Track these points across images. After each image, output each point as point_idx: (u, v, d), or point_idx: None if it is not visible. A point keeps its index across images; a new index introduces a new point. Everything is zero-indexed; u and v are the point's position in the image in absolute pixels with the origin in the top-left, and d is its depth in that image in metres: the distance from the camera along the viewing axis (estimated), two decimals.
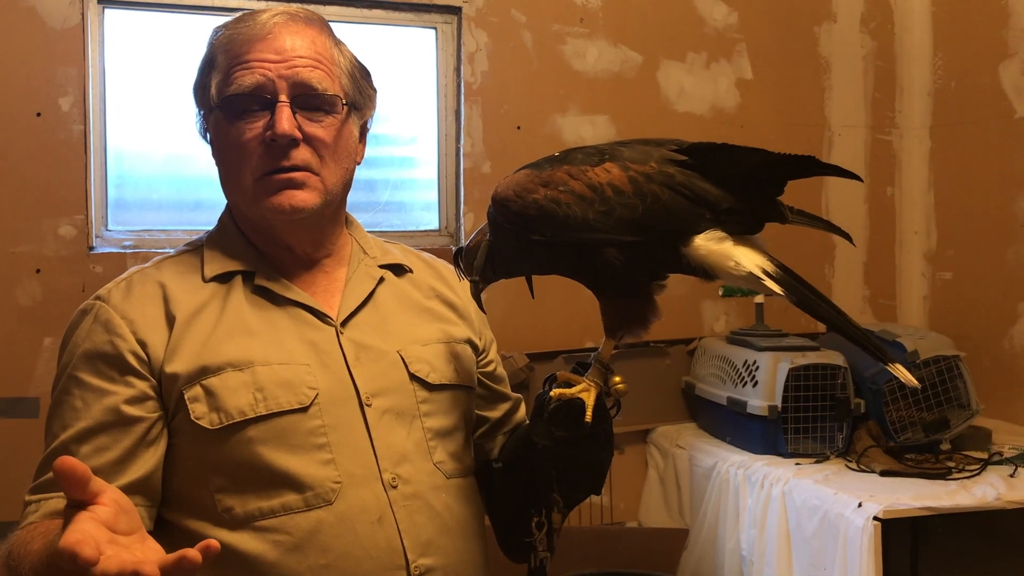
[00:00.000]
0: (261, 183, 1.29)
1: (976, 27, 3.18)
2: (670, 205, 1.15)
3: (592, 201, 1.16)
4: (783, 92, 3.32)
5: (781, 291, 1.15)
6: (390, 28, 2.98)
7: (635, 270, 1.18)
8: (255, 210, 1.32)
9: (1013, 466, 2.48)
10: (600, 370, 1.24)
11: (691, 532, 2.80)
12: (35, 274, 2.58)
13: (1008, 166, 3.07)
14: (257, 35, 1.29)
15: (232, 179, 1.33)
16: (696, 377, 3.06)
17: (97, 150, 2.69)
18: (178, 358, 1.24)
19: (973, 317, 3.19)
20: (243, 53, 1.29)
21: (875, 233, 3.44)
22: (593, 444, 1.27)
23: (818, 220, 1.23)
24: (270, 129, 1.27)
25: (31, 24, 2.57)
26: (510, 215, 1.20)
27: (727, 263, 1.16)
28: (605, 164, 1.18)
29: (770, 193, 1.19)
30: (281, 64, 1.28)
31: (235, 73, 1.28)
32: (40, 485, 1.22)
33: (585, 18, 3.08)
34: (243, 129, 1.28)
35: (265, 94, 1.28)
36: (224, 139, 1.31)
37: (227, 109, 1.29)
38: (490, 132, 3.00)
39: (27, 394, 2.57)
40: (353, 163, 1.38)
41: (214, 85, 1.30)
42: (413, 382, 1.33)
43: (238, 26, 1.31)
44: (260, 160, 1.28)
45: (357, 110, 1.37)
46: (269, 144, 1.28)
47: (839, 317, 1.16)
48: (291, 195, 1.29)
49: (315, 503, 1.22)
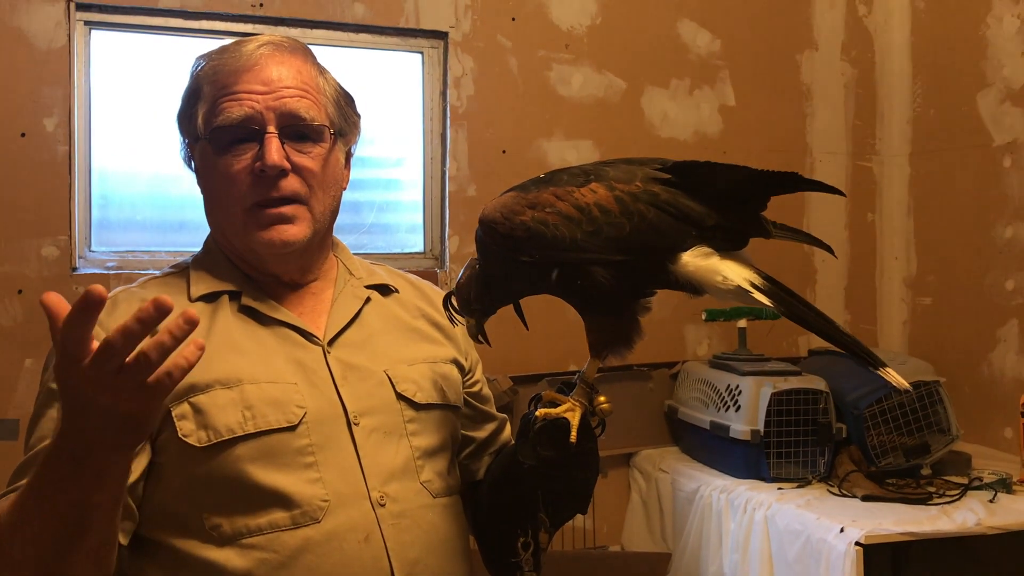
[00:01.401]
0: (251, 215, 1.29)
1: (955, 57, 3.23)
2: (656, 223, 1.16)
3: (579, 221, 1.17)
4: (765, 118, 3.36)
5: (770, 303, 1.16)
6: (377, 52, 3.00)
7: (623, 288, 1.19)
8: (243, 241, 1.32)
9: (993, 491, 2.49)
10: (585, 390, 1.24)
11: (674, 556, 2.80)
12: (17, 295, 2.57)
13: (986, 193, 3.11)
14: (243, 66, 1.29)
15: (220, 209, 1.34)
16: (679, 401, 3.07)
17: (81, 170, 2.68)
18: None
19: (953, 342, 3.21)
20: (230, 84, 1.29)
21: (856, 259, 3.47)
22: (579, 464, 1.27)
23: (800, 234, 1.25)
24: (259, 160, 1.27)
25: (17, 44, 2.57)
26: (498, 237, 1.20)
27: (715, 278, 1.17)
28: (591, 184, 1.19)
29: (754, 209, 1.20)
30: (268, 95, 1.29)
31: (222, 104, 1.28)
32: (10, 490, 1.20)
33: (570, 44, 3.11)
34: (231, 161, 1.28)
35: (253, 125, 1.28)
36: (212, 170, 1.31)
37: (215, 140, 1.29)
38: (475, 155, 3.01)
39: (7, 416, 2.55)
40: (340, 190, 1.39)
41: (200, 116, 1.30)
42: (400, 401, 1.34)
43: (223, 56, 1.32)
44: (249, 191, 1.28)
45: (343, 137, 1.38)
46: (258, 175, 1.28)
47: (828, 326, 1.17)
48: (282, 230, 1.29)
49: (303, 521, 1.21)
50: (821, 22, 3.44)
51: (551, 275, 1.21)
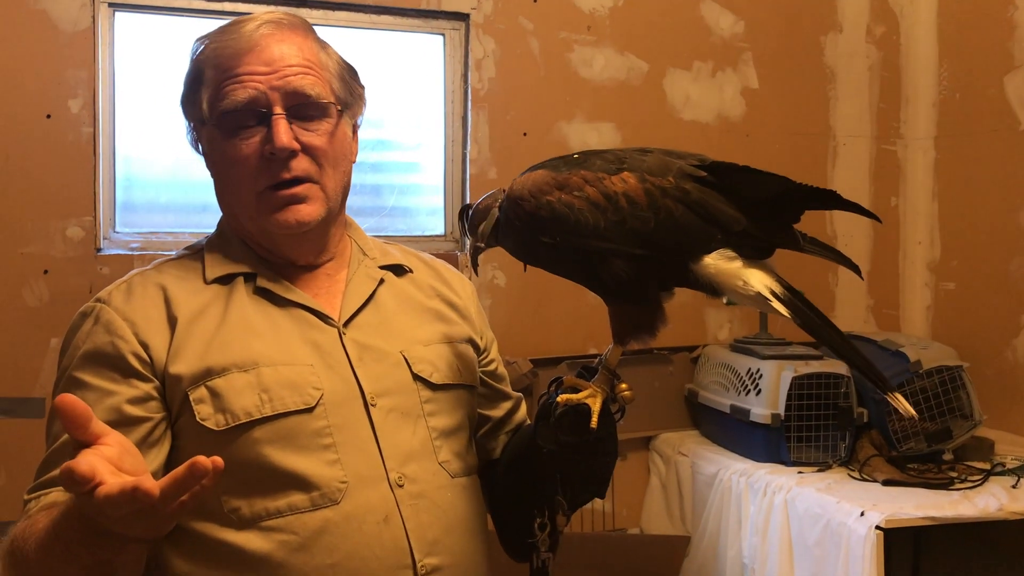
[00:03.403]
0: (263, 198, 1.30)
1: (982, 39, 3.19)
2: (682, 222, 1.15)
3: (605, 209, 1.16)
4: (789, 101, 3.33)
5: (788, 313, 1.16)
6: (398, 34, 3.00)
7: (641, 281, 1.18)
8: (257, 224, 1.33)
9: (1015, 477, 2.48)
10: (607, 376, 1.24)
11: (693, 539, 2.80)
12: (43, 275, 2.60)
13: (1012, 177, 3.07)
14: (245, 47, 1.29)
15: (231, 193, 1.34)
16: (699, 385, 3.07)
17: (106, 152, 2.70)
18: (181, 359, 1.24)
19: (976, 328, 3.19)
20: (232, 67, 1.28)
21: (879, 243, 3.44)
22: (598, 449, 1.27)
23: (830, 250, 1.23)
24: (268, 143, 1.27)
25: (42, 27, 2.58)
26: (522, 214, 1.20)
27: (736, 282, 1.16)
28: (623, 173, 1.17)
29: (786, 220, 1.18)
30: (272, 75, 1.28)
31: (226, 88, 1.28)
32: (40, 484, 1.22)
33: (592, 26, 3.10)
34: (239, 144, 1.28)
35: (259, 107, 1.28)
36: (220, 155, 1.31)
37: (221, 125, 1.29)
38: (496, 138, 3.01)
39: (33, 394, 2.58)
40: (350, 164, 1.39)
41: (205, 100, 1.30)
42: (417, 382, 1.34)
43: (223, 38, 1.31)
44: (260, 174, 1.29)
45: (348, 110, 1.38)
46: (268, 158, 1.28)
47: (843, 343, 1.17)
48: (296, 210, 1.30)
49: (321, 503, 1.22)
50: (846, 4, 3.40)
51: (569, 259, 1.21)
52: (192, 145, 1.39)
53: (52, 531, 1.05)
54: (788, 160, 3.30)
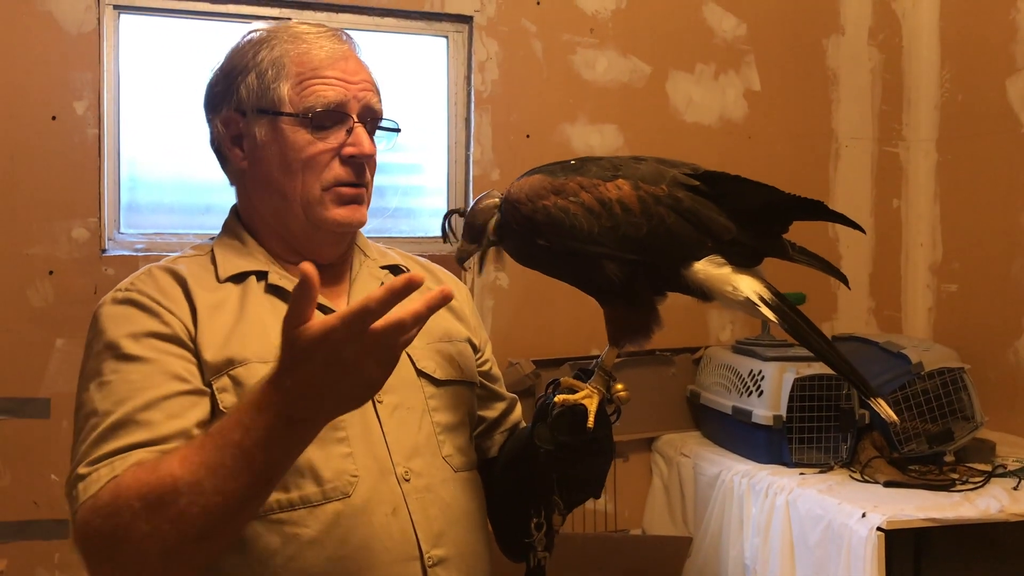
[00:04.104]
0: (331, 193, 1.34)
1: (984, 41, 3.19)
2: (674, 229, 1.18)
3: (599, 215, 1.19)
4: (791, 104, 3.34)
5: (775, 319, 1.18)
6: (402, 36, 3.01)
7: (633, 285, 1.21)
8: (315, 217, 1.35)
9: (1017, 479, 2.48)
10: (603, 377, 1.27)
11: (695, 540, 2.81)
12: (48, 276, 2.61)
13: (1014, 180, 3.08)
14: (332, 54, 1.35)
15: (288, 185, 1.35)
16: (701, 386, 3.07)
17: (111, 154, 2.71)
18: (205, 349, 1.25)
19: (978, 329, 3.20)
20: (322, 67, 1.34)
21: (881, 245, 3.45)
22: (594, 449, 1.29)
23: (817, 260, 1.26)
24: (353, 146, 1.34)
25: (48, 29, 2.60)
26: (519, 217, 1.23)
27: (725, 287, 1.19)
28: (617, 180, 1.20)
29: (776, 230, 1.22)
30: (355, 86, 1.35)
31: (313, 86, 1.33)
32: (104, 455, 1.15)
33: (595, 28, 3.11)
34: (316, 141, 1.33)
35: (345, 111, 1.34)
36: (290, 146, 1.33)
37: (304, 119, 1.33)
38: (499, 140, 3.02)
39: (38, 395, 2.60)
40: None
41: (286, 90, 1.33)
42: (421, 378, 1.37)
43: (309, 38, 1.36)
44: (335, 173, 1.34)
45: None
46: (346, 160, 1.34)
47: (828, 349, 1.19)
48: (356, 209, 1.37)
49: (333, 496, 1.24)
50: (848, 6, 3.41)
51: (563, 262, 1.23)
52: (216, 134, 1.39)
53: (218, 445, 1.05)
54: (790, 162, 3.31)
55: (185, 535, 1.06)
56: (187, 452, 1.08)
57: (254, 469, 1.05)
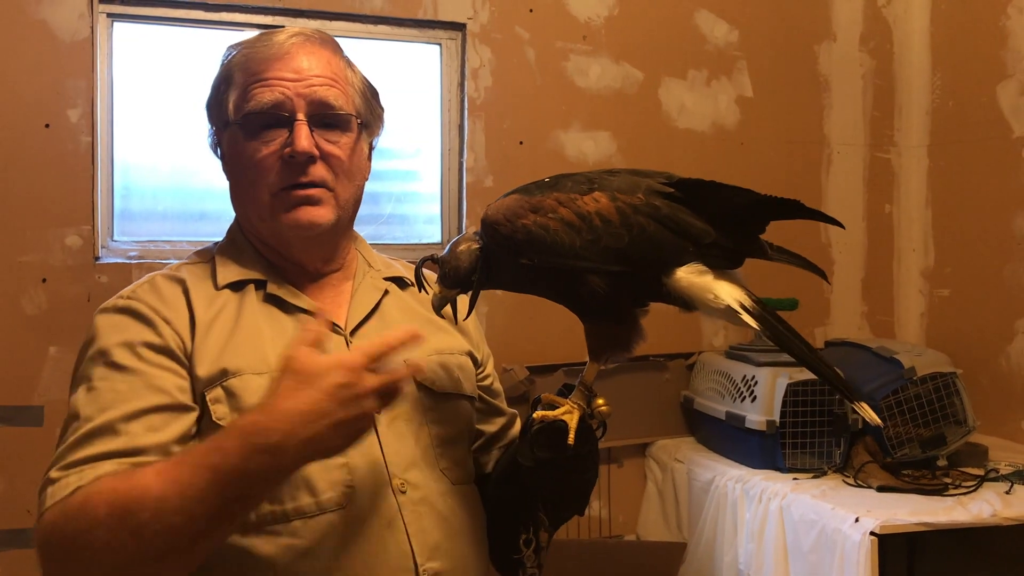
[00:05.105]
0: (278, 198, 1.32)
1: (974, 47, 3.21)
2: (655, 237, 1.18)
3: (580, 229, 1.18)
4: (783, 110, 3.35)
5: (756, 326, 1.18)
6: (395, 44, 3.02)
7: (618, 298, 1.21)
8: (270, 225, 1.35)
9: (1009, 483, 2.49)
10: (583, 392, 1.26)
11: (689, 546, 2.81)
12: (41, 283, 2.60)
13: (1005, 185, 3.09)
14: (275, 54, 1.33)
15: (247, 194, 1.36)
16: (695, 391, 3.08)
17: (104, 161, 2.71)
18: (200, 360, 1.25)
19: (970, 334, 3.21)
20: (261, 71, 1.32)
21: (873, 250, 3.46)
22: (576, 466, 1.29)
23: (797, 258, 1.26)
24: (289, 146, 1.30)
25: (41, 37, 2.60)
26: (500, 238, 1.22)
27: (707, 296, 1.18)
28: (594, 193, 1.20)
29: (753, 231, 1.22)
30: (299, 83, 1.32)
31: (253, 90, 1.32)
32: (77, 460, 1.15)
33: (588, 35, 3.12)
34: (260, 146, 1.32)
35: (283, 112, 1.31)
36: (240, 155, 1.34)
37: (245, 126, 1.32)
38: (493, 147, 3.03)
39: (31, 403, 2.59)
40: (363, 180, 1.43)
41: (231, 101, 1.33)
42: (420, 391, 1.36)
43: (255, 45, 1.35)
44: (278, 176, 1.32)
45: (367, 128, 1.42)
46: (287, 160, 1.31)
47: (811, 355, 1.19)
48: (308, 211, 1.32)
49: (328, 507, 1.23)
50: (839, 13, 3.42)
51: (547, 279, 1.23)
52: (212, 149, 1.41)
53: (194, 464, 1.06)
54: (782, 168, 3.32)
55: (143, 551, 1.05)
56: (164, 466, 1.08)
57: (225, 495, 1.05)
